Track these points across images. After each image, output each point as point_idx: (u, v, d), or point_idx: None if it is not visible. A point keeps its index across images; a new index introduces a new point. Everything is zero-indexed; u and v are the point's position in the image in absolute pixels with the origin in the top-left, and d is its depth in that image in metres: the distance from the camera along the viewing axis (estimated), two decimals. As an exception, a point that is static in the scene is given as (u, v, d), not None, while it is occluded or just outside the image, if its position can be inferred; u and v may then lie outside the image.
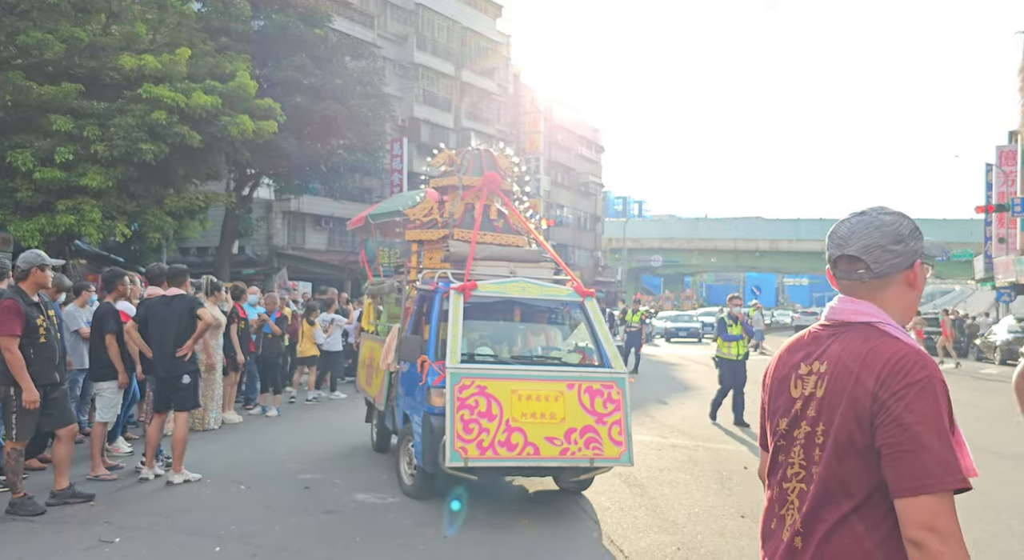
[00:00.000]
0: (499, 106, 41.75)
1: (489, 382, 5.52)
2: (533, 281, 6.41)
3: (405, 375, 6.47)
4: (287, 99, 18.45)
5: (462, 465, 5.31)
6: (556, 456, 5.45)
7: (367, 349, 8.37)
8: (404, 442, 6.36)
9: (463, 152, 7.42)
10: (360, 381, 8.61)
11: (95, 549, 4.77)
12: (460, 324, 5.81)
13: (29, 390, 5.31)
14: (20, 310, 5.32)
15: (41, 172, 13.49)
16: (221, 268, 21.20)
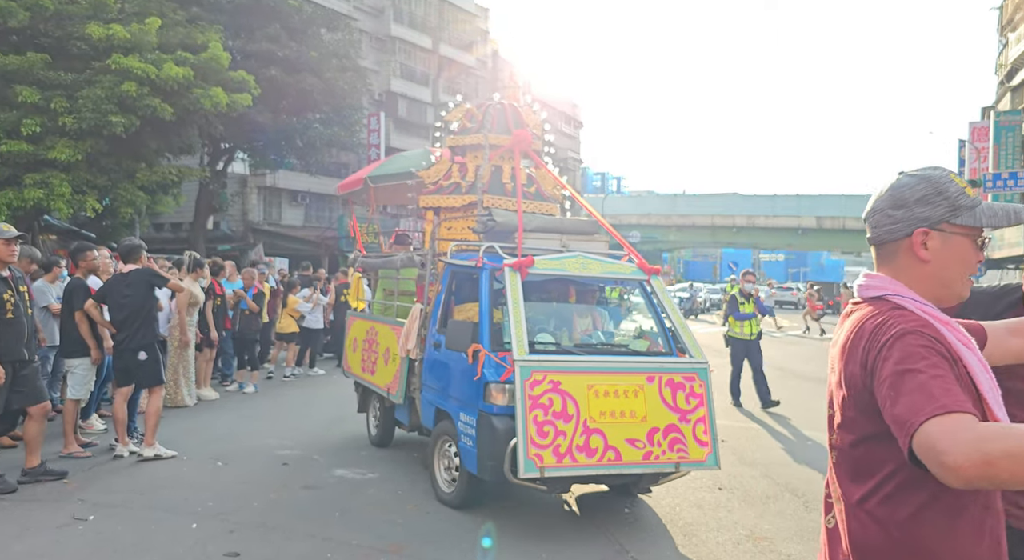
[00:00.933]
0: (477, 81, 41.35)
1: (563, 377, 4.72)
2: (593, 256, 5.56)
3: (436, 364, 5.67)
4: (261, 71, 18.09)
5: (538, 475, 4.50)
6: (639, 461, 4.73)
7: (359, 330, 7.40)
8: (439, 444, 5.50)
9: (484, 106, 6.52)
10: (352, 366, 7.52)
11: (69, 527, 4.70)
12: (522, 307, 4.95)
13: None
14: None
15: (7, 145, 13.15)
16: (196, 244, 20.88)
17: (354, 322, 7.68)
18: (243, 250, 24.69)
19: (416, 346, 5.87)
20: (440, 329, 5.64)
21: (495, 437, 4.71)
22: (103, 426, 7.52)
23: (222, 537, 4.59)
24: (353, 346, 7.52)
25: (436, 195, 6.42)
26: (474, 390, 4.96)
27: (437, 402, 5.60)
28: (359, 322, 7.53)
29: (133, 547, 4.39)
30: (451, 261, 5.82)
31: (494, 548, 4.60)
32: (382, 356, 6.63)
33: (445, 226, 6.39)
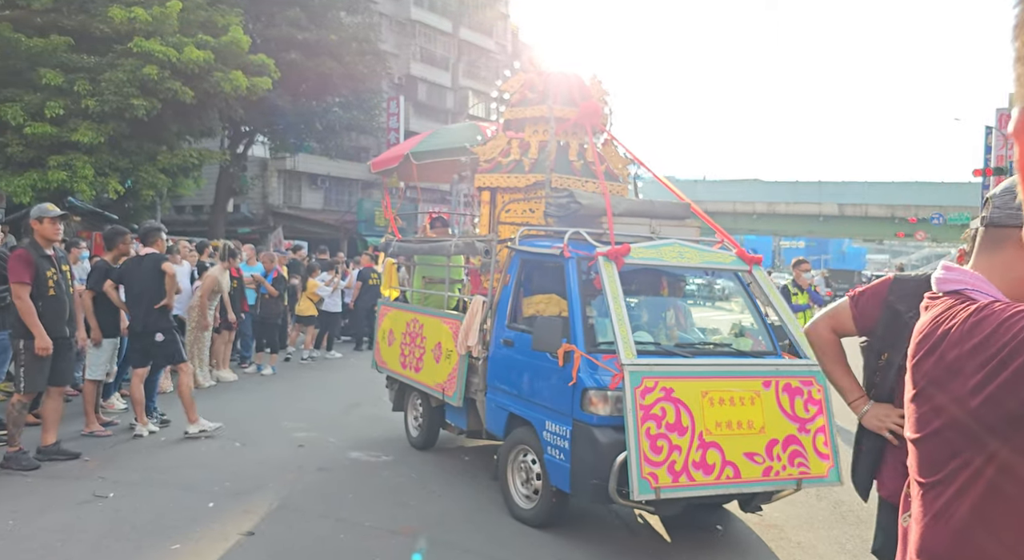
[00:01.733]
0: (497, 65, 41.14)
1: (676, 383, 4.18)
2: (689, 244, 4.96)
3: (509, 364, 5.06)
4: (281, 55, 18.14)
5: (653, 497, 3.98)
6: (759, 478, 4.21)
7: (396, 322, 6.70)
8: (514, 454, 4.96)
9: (545, 76, 5.90)
10: (387, 362, 6.80)
11: (89, 504, 4.81)
12: (623, 303, 4.37)
13: (41, 337, 5.37)
14: (30, 259, 5.42)
15: (32, 127, 13.33)
16: (216, 226, 21.09)
17: (389, 313, 6.95)
18: (263, 233, 24.88)
19: (479, 342, 5.27)
20: (511, 324, 5.10)
21: (598, 452, 4.14)
22: (123, 405, 7.66)
23: (238, 516, 4.67)
24: (388, 339, 6.79)
25: (494, 174, 5.81)
26: (567, 397, 4.39)
27: (510, 407, 4.99)
28: (396, 313, 6.81)
29: (151, 524, 4.48)
30: (521, 248, 5.17)
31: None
32: (431, 352, 5.97)
33: (506, 208, 5.78)
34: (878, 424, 2.46)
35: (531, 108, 5.86)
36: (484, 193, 6.03)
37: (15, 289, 5.37)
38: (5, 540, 4.16)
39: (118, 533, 4.33)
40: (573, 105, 5.80)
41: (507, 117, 6.03)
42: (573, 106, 5.80)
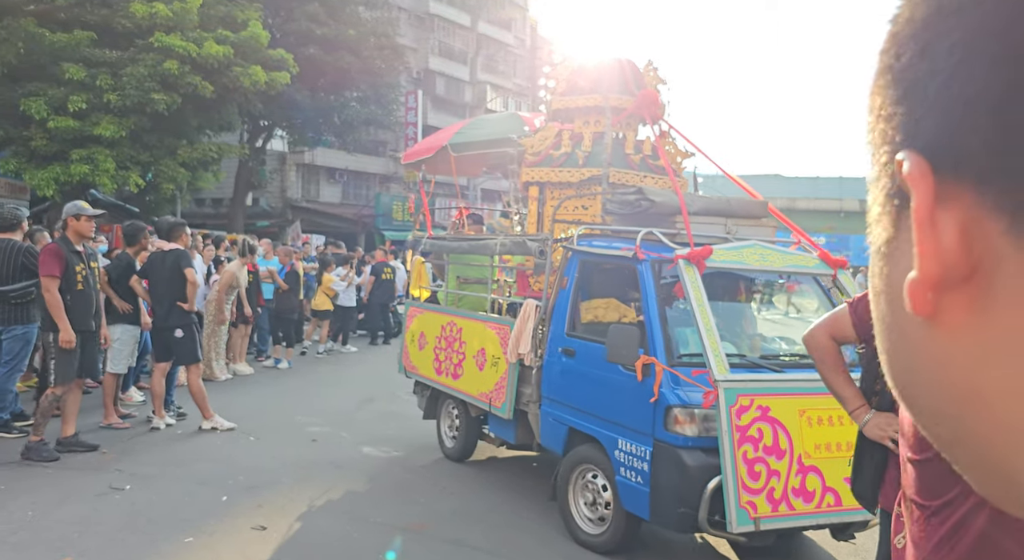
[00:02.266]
0: (516, 59, 41.09)
1: (772, 401, 3.84)
2: (770, 246, 4.59)
3: (570, 375, 4.64)
4: (300, 50, 18.23)
5: (752, 528, 3.64)
6: (860, 505, 3.94)
7: (428, 324, 6.25)
8: (577, 474, 4.55)
9: (598, 63, 5.50)
10: (418, 367, 6.35)
11: (106, 496, 4.90)
12: (709, 311, 4.00)
13: (65, 330, 5.51)
14: (61, 254, 5.58)
15: (55, 121, 13.50)
16: (235, 220, 21.29)
17: (419, 315, 6.48)
18: (281, 226, 25.07)
19: (532, 350, 4.87)
20: (572, 332, 4.69)
21: (686, 477, 3.77)
22: (141, 398, 7.78)
23: (251, 511, 4.74)
24: (419, 343, 6.32)
25: (543, 168, 5.41)
26: (647, 414, 4.00)
27: (572, 421, 4.58)
28: (428, 315, 6.37)
29: (166, 518, 4.56)
30: (581, 249, 4.79)
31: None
32: (472, 359, 5.54)
33: (551, 205, 5.40)
34: (880, 434, 2.46)
35: (582, 97, 5.43)
36: (532, 188, 5.59)
37: (44, 282, 5.51)
38: (25, 531, 4.26)
39: (133, 526, 4.42)
40: (628, 94, 5.38)
41: (555, 107, 5.60)
42: (628, 95, 5.38)
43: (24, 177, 14.19)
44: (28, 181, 14.21)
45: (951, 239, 0.31)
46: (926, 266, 0.32)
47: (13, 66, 13.39)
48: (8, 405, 6.30)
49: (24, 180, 14.54)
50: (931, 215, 0.32)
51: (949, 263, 0.32)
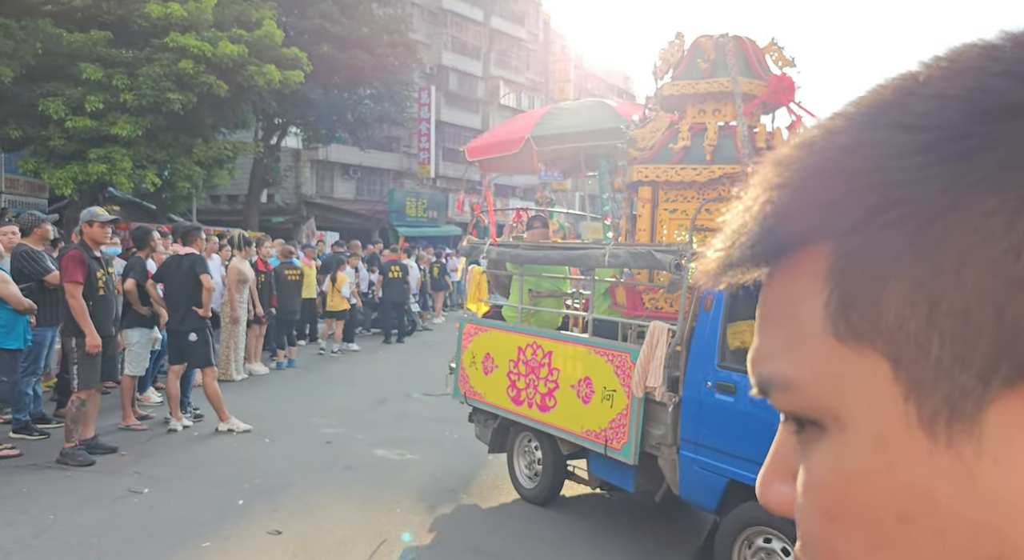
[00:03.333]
0: (529, 54, 41.01)
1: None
2: None
3: (730, 416, 3.84)
4: (313, 48, 18.30)
5: None
6: None
7: (497, 344, 5.44)
8: (743, 537, 3.80)
9: (714, 41, 4.74)
10: (484, 393, 5.55)
11: (125, 499, 4.99)
12: None
13: (92, 335, 5.61)
14: (84, 260, 5.68)
15: (72, 121, 13.64)
16: (250, 217, 21.43)
17: (483, 333, 5.62)
18: (296, 223, 25.21)
19: (664, 383, 4.15)
20: (725, 363, 3.93)
21: None
22: (159, 399, 7.88)
23: (266, 515, 4.81)
24: (484, 366, 5.53)
25: (660, 165, 4.64)
26: None
27: (734, 472, 3.82)
28: (497, 334, 5.50)
29: (183, 521, 4.64)
30: None
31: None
32: (572, 389, 4.74)
33: (665, 208, 4.73)
34: None
35: (704, 82, 4.67)
36: (643, 189, 4.78)
37: (69, 288, 5.60)
38: (47, 535, 4.35)
39: (151, 529, 4.50)
40: (756, 77, 4.68)
41: (668, 93, 4.80)
42: (756, 78, 4.68)
43: (43, 176, 14.36)
44: (47, 180, 14.38)
45: None
46: None
47: (31, 66, 13.53)
48: (26, 407, 6.41)
49: (43, 179, 14.71)
50: None
51: None
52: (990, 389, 0.28)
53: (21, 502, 4.85)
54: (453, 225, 32.59)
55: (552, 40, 43.31)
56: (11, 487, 5.12)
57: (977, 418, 0.29)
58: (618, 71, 54.12)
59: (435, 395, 8.87)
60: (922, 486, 0.29)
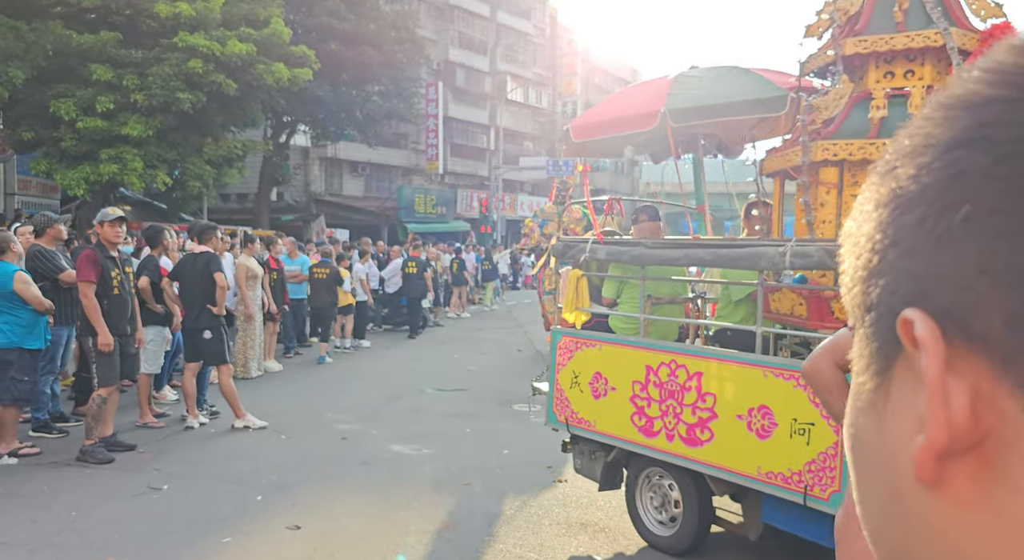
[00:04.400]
0: (535, 48, 40.92)
1: None
2: None
3: None
4: (321, 46, 18.33)
5: None
6: None
7: (613, 363, 4.55)
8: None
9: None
10: (593, 419, 4.64)
11: (144, 495, 5.03)
12: None
13: (103, 334, 5.68)
14: (97, 260, 5.74)
15: (84, 121, 13.73)
16: (260, 215, 21.52)
17: (588, 349, 4.72)
18: (306, 220, 25.29)
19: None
20: None
21: None
22: (175, 396, 7.94)
23: (284, 510, 4.84)
24: (592, 388, 4.63)
25: (854, 140, 3.83)
26: None
27: None
28: (610, 349, 4.61)
29: (203, 517, 4.68)
30: None
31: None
32: (739, 420, 3.91)
33: (852, 194, 3.92)
34: None
35: (902, 36, 3.82)
36: (827, 171, 3.93)
37: (82, 287, 5.67)
38: (69, 531, 4.39)
39: (172, 525, 4.54)
40: (965, 29, 3.84)
41: (849, 51, 3.92)
42: (966, 30, 3.83)
43: (55, 177, 14.47)
44: (59, 181, 14.49)
45: (961, 408, 0.30)
46: (935, 433, 0.31)
47: (42, 68, 13.61)
48: (45, 405, 6.47)
49: (55, 180, 14.82)
50: (942, 382, 0.31)
51: (957, 432, 0.30)
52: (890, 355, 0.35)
53: (43, 499, 4.91)
54: (462, 221, 32.62)
55: (559, 34, 43.19)
56: (33, 485, 5.18)
57: (886, 376, 0.35)
58: (625, 64, 53.95)
59: (448, 390, 8.91)
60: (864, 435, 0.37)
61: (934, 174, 0.33)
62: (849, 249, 0.38)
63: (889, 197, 0.35)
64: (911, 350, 0.32)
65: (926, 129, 0.34)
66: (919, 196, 0.33)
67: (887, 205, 0.35)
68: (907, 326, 0.32)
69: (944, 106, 0.34)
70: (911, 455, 0.32)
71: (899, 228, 0.34)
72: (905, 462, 0.33)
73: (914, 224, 0.33)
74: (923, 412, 0.32)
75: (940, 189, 0.32)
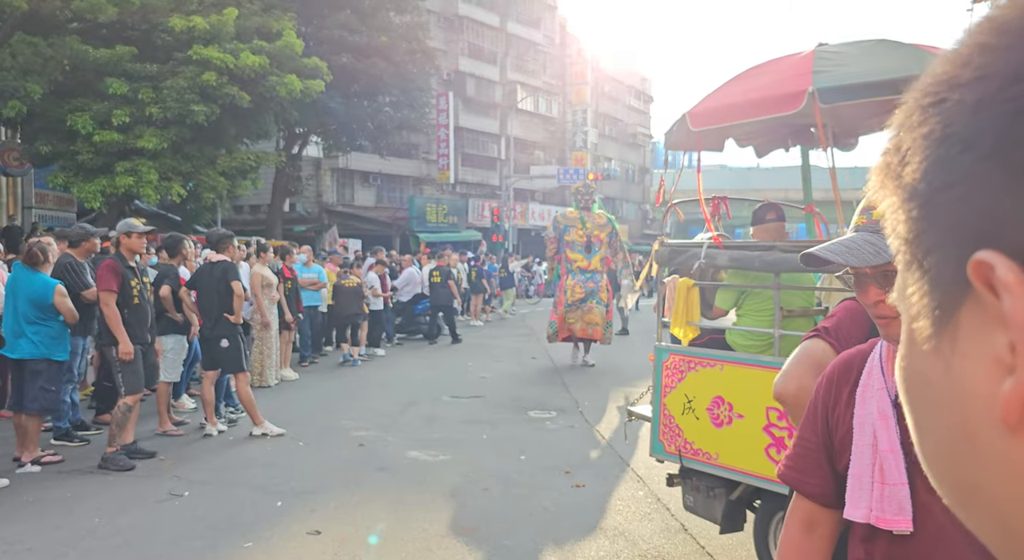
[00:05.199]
0: (545, 57, 41.07)
1: None
2: None
3: None
4: (333, 58, 18.49)
5: None
6: None
7: (734, 386, 3.98)
8: None
9: None
10: (714, 451, 4.04)
11: (166, 502, 5.07)
12: None
13: (124, 342, 5.75)
14: (118, 269, 5.82)
15: (100, 135, 13.90)
16: (273, 226, 21.65)
17: (705, 368, 4.14)
18: (318, 231, 25.43)
19: None
20: None
21: None
22: (193, 405, 7.99)
23: (305, 516, 4.87)
24: (713, 416, 4.06)
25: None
26: None
27: None
28: (731, 370, 4.04)
29: (224, 523, 4.71)
30: None
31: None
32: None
33: None
34: None
35: None
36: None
37: (103, 297, 5.74)
38: (93, 537, 4.43)
39: (194, 531, 4.57)
40: None
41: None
42: None
43: (72, 190, 14.64)
44: (76, 194, 14.66)
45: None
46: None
47: (59, 83, 13.80)
48: (65, 414, 6.53)
49: (72, 193, 14.99)
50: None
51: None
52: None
53: (66, 506, 4.95)
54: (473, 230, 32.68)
55: (568, 43, 43.34)
56: (56, 492, 5.23)
57: (951, 320, 0.35)
58: (635, 72, 54.04)
59: (464, 397, 8.93)
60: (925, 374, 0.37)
61: (997, 107, 0.31)
62: (891, 190, 0.36)
63: (941, 133, 0.33)
64: (984, 293, 0.32)
65: (981, 58, 0.32)
66: (981, 132, 0.31)
67: (939, 142, 0.33)
68: (982, 268, 0.31)
69: (1001, 31, 0.32)
70: (992, 398, 0.32)
71: (956, 167, 0.32)
72: (981, 404, 0.33)
73: (975, 162, 0.31)
74: (1002, 355, 0.31)
75: (1005, 124, 0.30)
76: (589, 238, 10.94)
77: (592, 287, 10.90)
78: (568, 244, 10.98)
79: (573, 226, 10.96)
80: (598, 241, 11.02)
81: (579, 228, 10.95)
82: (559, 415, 8.02)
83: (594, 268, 10.98)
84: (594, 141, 45.83)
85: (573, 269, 10.97)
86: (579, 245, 10.94)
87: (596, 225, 10.97)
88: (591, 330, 10.92)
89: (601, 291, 10.99)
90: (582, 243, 10.94)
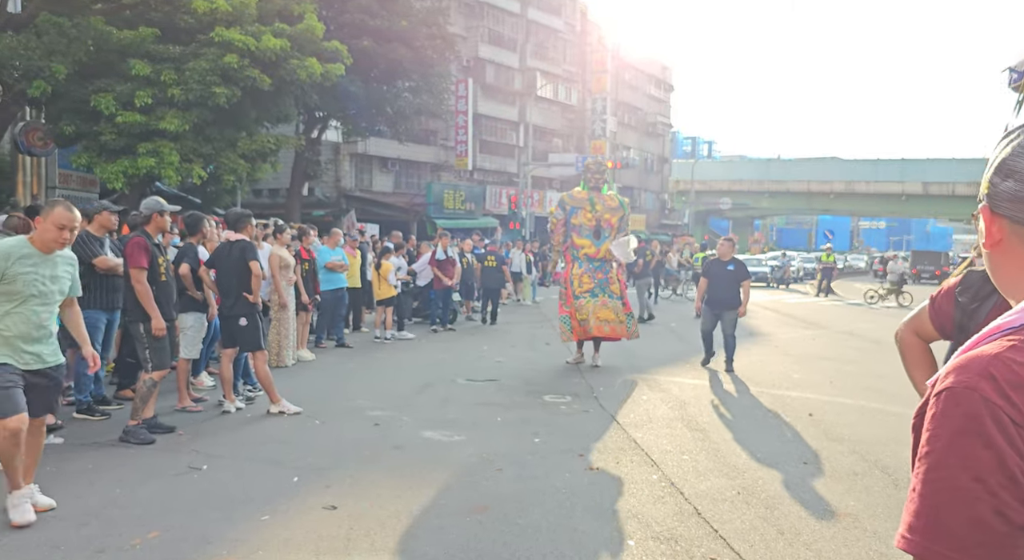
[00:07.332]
0: (565, 45, 40.83)
1: None
2: None
3: None
4: (353, 42, 18.53)
5: None
6: None
7: None
8: None
9: None
10: None
11: (185, 475, 5.15)
12: None
13: (157, 318, 5.84)
14: (148, 246, 5.91)
15: (123, 116, 14.02)
16: (292, 209, 21.79)
17: None
18: (336, 216, 25.55)
19: None
20: None
21: None
22: (212, 382, 8.09)
23: (320, 491, 4.93)
24: None
25: None
26: None
27: None
28: None
29: (241, 495, 4.78)
30: None
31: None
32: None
33: None
34: None
35: None
36: None
37: (134, 274, 5.82)
38: (114, 506, 4.52)
39: (212, 503, 4.64)
40: None
41: None
42: None
43: (95, 171, 14.79)
44: (99, 174, 14.81)
45: None
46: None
47: (83, 64, 13.92)
48: (87, 387, 6.63)
49: (95, 173, 15.15)
50: None
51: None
52: None
53: (88, 477, 5.05)
54: (490, 217, 32.68)
55: (589, 31, 43.04)
56: (78, 463, 5.33)
57: None
58: (655, 61, 53.62)
59: (478, 381, 8.97)
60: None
61: None
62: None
63: None
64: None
65: None
66: None
67: None
68: None
69: None
70: None
71: None
72: None
73: None
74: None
75: None
76: (599, 222, 9.75)
77: (601, 278, 9.75)
78: (575, 228, 9.81)
79: (581, 208, 9.78)
80: (608, 226, 9.80)
81: (588, 210, 9.74)
82: (574, 400, 8.04)
83: (603, 256, 9.79)
84: (613, 129, 45.59)
85: (580, 257, 9.80)
86: (587, 229, 9.75)
87: (607, 208, 9.80)
88: (607, 328, 9.71)
89: (612, 283, 9.81)
90: (591, 227, 9.75)
